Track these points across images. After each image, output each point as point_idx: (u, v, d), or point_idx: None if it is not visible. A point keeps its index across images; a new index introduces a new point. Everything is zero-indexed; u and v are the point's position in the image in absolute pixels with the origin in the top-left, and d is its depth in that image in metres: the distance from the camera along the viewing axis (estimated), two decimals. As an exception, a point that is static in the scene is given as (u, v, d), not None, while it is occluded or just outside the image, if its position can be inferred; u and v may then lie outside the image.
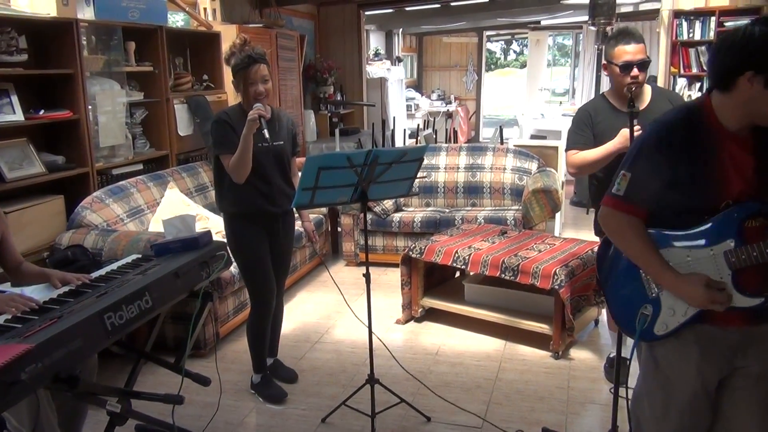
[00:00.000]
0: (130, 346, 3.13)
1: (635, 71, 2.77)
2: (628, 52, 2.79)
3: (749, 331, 1.79)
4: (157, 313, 2.32)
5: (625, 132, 2.68)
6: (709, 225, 1.75)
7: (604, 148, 2.86)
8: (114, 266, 2.57)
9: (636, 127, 2.55)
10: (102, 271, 2.50)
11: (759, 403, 1.82)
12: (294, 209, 3.24)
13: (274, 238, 3.17)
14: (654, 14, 8.15)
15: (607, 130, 2.92)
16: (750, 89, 1.64)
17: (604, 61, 2.92)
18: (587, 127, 3.01)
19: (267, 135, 2.83)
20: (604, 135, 2.92)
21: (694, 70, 6.41)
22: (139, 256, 2.71)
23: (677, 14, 6.42)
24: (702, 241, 1.75)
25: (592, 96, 4.32)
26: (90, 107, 3.90)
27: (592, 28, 7.33)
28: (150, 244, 3.00)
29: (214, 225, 4.26)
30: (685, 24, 6.41)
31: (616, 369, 2.38)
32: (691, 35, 6.39)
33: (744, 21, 6.00)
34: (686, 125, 1.74)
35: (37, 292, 2.29)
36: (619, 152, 2.74)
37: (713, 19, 6.25)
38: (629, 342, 3.10)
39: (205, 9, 5.44)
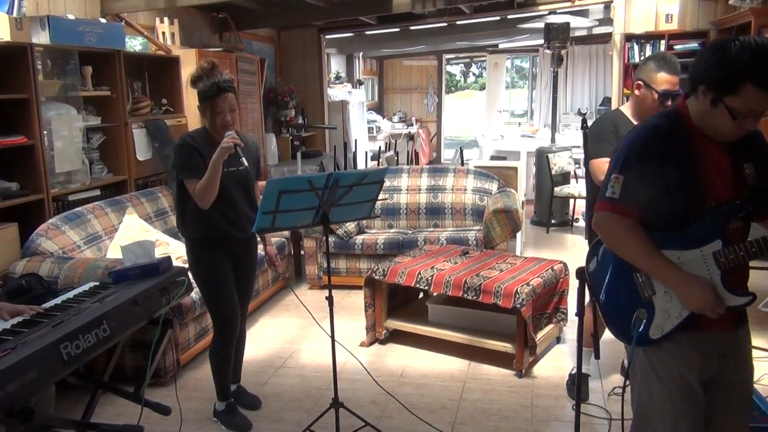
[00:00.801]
0: (88, 376, 3.05)
1: (669, 102, 2.84)
2: (669, 82, 2.86)
3: (731, 336, 1.86)
4: (115, 341, 2.27)
5: None
6: (697, 226, 1.79)
7: None
8: (70, 294, 2.51)
9: None
10: (57, 300, 2.44)
11: (737, 410, 1.89)
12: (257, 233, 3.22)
13: (237, 263, 3.13)
14: (606, 38, 8.41)
15: None
16: (703, 101, 1.73)
17: (639, 81, 2.95)
18: (614, 136, 3.03)
19: (246, 163, 2.82)
20: None
21: (646, 92, 6.59)
22: (97, 283, 2.65)
23: (629, 38, 6.64)
24: (691, 243, 1.79)
25: (549, 117, 4.41)
26: (45, 132, 3.84)
27: (548, 51, 7.52)
28: (108, 271, 2.94)
29: (175, 250, 4.20)
30: (636, 47, 6.63)
31: (577, 386, 2.41)
32: (642, 58, 6.60)
33: (692, 44, 6.16)
34: (670, 130, 1.80)
35: (-12, 324, 2.22)
36: None
37: (663, 42, 6.49)
38: (592, 359, 3.14)
39: (163, 33, 5.42)
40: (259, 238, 3.34)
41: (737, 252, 1.76)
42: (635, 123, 2.99)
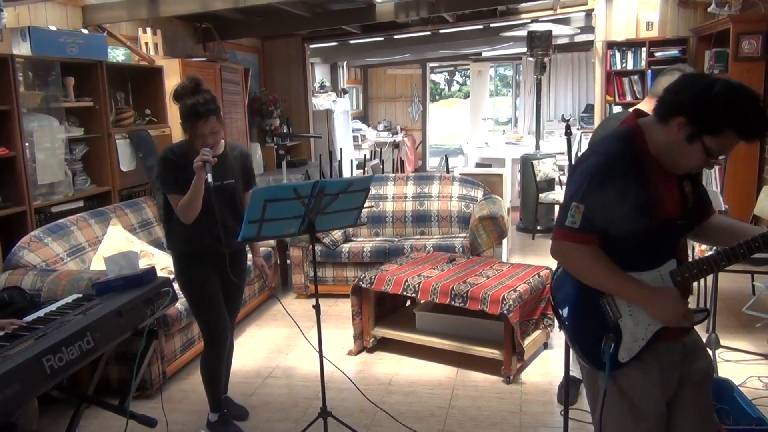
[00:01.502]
0: (72, 389, 3.02)
1: None
2: None
3: (686, 342, 1.91)
4: (99, 353, 2.25)
5: None
6: (653, 247, 1.82)
7: None
8: (53, 307, 2.49)
9: None
10: (40, 313, 2.42)
11: (700, 409, 1.92)
12: (245, 246, 3.19)
13: (224, 275, 3.06)
14: (588, 45, 8.50)
15: None
16: (676, 133, 1.73)
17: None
18: None
19: (210, 180, 2.75)
20: None
21: (628, 98, 6.67)
22: (80, 295, 2.63)
23: (610, 45, 6.71)
24: (649, 263, 1.82)
25: (534, 125, 4.44)
26: (27, 144, 3.80)
27: (531, 59, 7.58)
28: (91, 283, 2.91)
29: (159, 261, 4.17)
30: (618, 54, 6.70)
31: (565, 390, 2.42)
32: (624, 65, 6.68)
33: (672, 51, 6.23)
34: (629, 153, 1.79)
35: (-31, 338, 2.19)
36: None
37: (644, 49, 6.56)
38: (580, 363, 3.15)
39: (146, 43, 5.39)
40: (248, 247, 3.31)
41: (691, 270, 1.81)
42: None
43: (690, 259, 1.90)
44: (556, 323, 3.97)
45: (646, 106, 3.10)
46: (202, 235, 2.93)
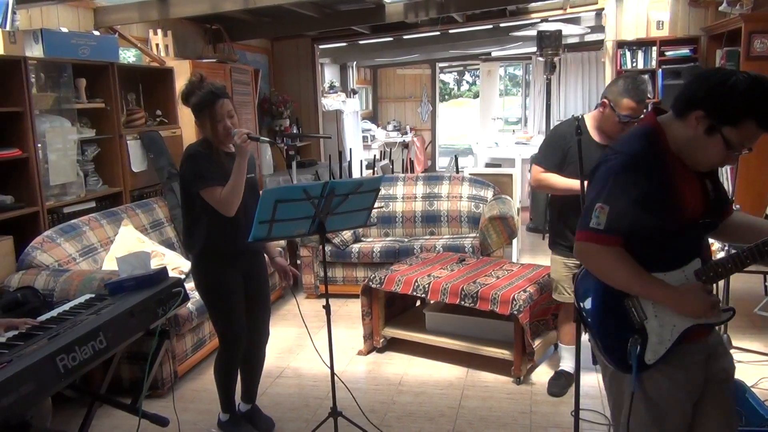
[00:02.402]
0: (85, 388, 3.04)
1: (630, 125, 2.87)
2: (632, 108, 2.91)
3: (708, 342, 1.89)
4: (112, 353, 2.26)
5: None
6: (677, 247, 1.81)
7: (569, 183, 2.99)
8: (66, 307, 2.51)
9: None
10: (53, 313, 2.44)
11: (724, 410, 1.90)
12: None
13: (248, 280, 3.04)
14: (599, 45, 8.46)
15: (576, 153, 3.00)
16: (695, 127, 1.72)
17: (605, 99, 2.99)
18: (559, 150, 3.11)
19: (266, 138, 2.80)
20: (574, 158, 3.00)
21: (639, 98, 6.62)
22: (93, 295, 2.65)
23: (620, 45, 6.67)
24: (674, 263, 1.81)
25: (543, 124, 4.44)
26: (39, 145, 3.83)
27: (541, 59, 7.55)
28: (104, 283, 2.93)
29: (170, 261, 4.20)
30: (628, 54, 6.66)
31: (575, 391, 2.41)
32: (634, 64, 6.64)
33: (683, 51, 6.20)
34: (652, 153, 1.78)
35: (-17, 338, 2.21)
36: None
37: (654, 48, 6.52)
38: (585, 361, 3.14)
39: (157, 45, 5.42)
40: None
41: (716, 269, 1.80)
42: (593, 135, 3.07)
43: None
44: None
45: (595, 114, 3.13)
46: (230, 231, 2.87)
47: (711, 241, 1.89)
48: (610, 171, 1.80)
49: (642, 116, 2.89)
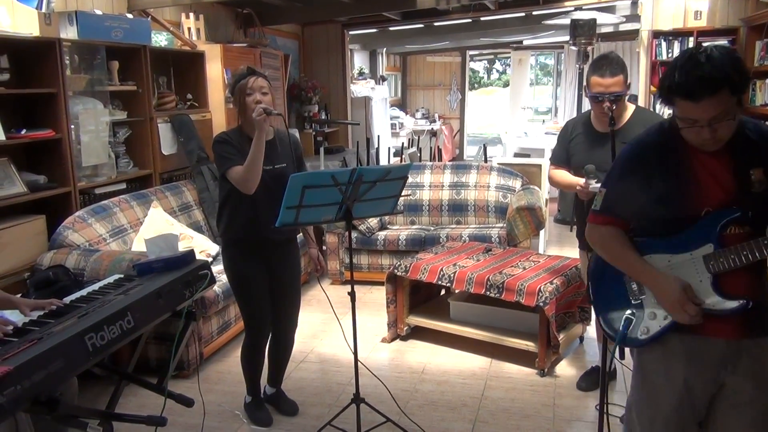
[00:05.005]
0: (112, 367, 3.10)
1: (607, 103, 2.76)
2: (601, 84, 2.79)
3: (737, 345, 1.78)
4: (139, 333, 2.29)
5: (586, 187, 2.79)
6: (690, 232, 1.79)
7: (570, 180, 2.97)
8: (96, 286, 2.55)
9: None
10: (83, 292, 2.47)
11: (753, 424, 1.79)
12: (296, 236, 3.17)
13: (275, 269, 3.05)
14: (634, 35, 8.30)
15: (578, 145, 2.99)
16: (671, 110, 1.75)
17: (585, 83, 2.96)
18: (563, 144, 3.09)
19: (273, 110, 2.78)
20: (575, 150, 3.00)
21: (674, 89, 6.48)
22: (122, 276, 2.68)
23: (656, 35, 6.53)
24: (682, 247, 1.81)
25: (574, 114, 4.39)
26: (72, 126, 3.88)
27: (573, 48, 7.44)
28: (132, 264, 2.97)
29: (198, 244, 4.24)
30: (664, 44, 6.52)
31: (601, 384, 2.38)
32: (670, 55, 6.49)
33: (722, 41, 6.07)
34: (658, 143, 1.82)
35: (15, 315, 2.25)
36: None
37: (691, 39, 6.36)
38: (616, 359, 3.10)
39: (189, 29, 5.45)
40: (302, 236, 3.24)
41: (728, 255, 1.73)
42: (595, 125, 3.00)
43: None
44: (592, 316, 3.94)
45: None
46: (252, 220, 2.89)
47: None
48: (617, 159, 1.97)
49: (623, 94, 2.81)
